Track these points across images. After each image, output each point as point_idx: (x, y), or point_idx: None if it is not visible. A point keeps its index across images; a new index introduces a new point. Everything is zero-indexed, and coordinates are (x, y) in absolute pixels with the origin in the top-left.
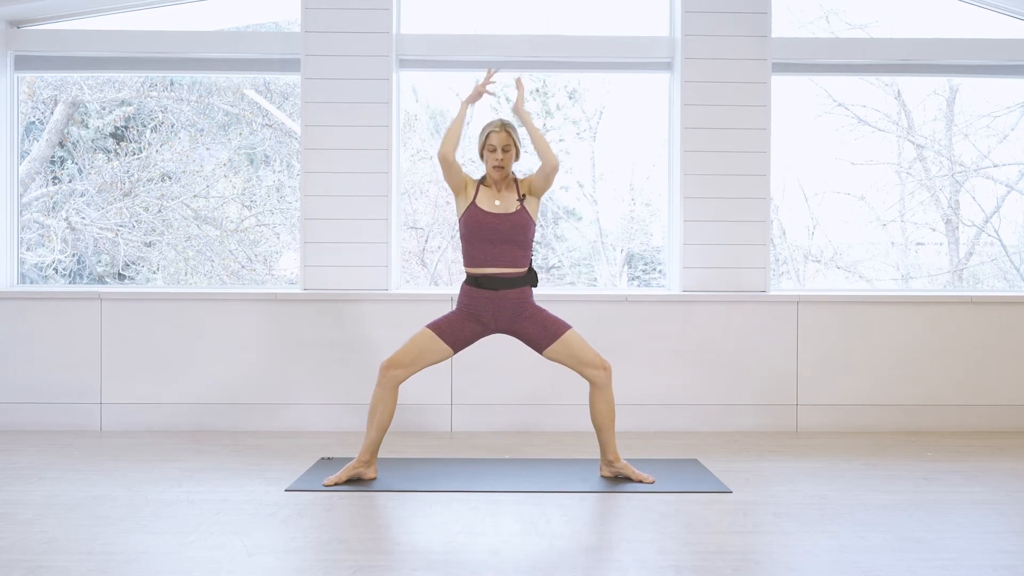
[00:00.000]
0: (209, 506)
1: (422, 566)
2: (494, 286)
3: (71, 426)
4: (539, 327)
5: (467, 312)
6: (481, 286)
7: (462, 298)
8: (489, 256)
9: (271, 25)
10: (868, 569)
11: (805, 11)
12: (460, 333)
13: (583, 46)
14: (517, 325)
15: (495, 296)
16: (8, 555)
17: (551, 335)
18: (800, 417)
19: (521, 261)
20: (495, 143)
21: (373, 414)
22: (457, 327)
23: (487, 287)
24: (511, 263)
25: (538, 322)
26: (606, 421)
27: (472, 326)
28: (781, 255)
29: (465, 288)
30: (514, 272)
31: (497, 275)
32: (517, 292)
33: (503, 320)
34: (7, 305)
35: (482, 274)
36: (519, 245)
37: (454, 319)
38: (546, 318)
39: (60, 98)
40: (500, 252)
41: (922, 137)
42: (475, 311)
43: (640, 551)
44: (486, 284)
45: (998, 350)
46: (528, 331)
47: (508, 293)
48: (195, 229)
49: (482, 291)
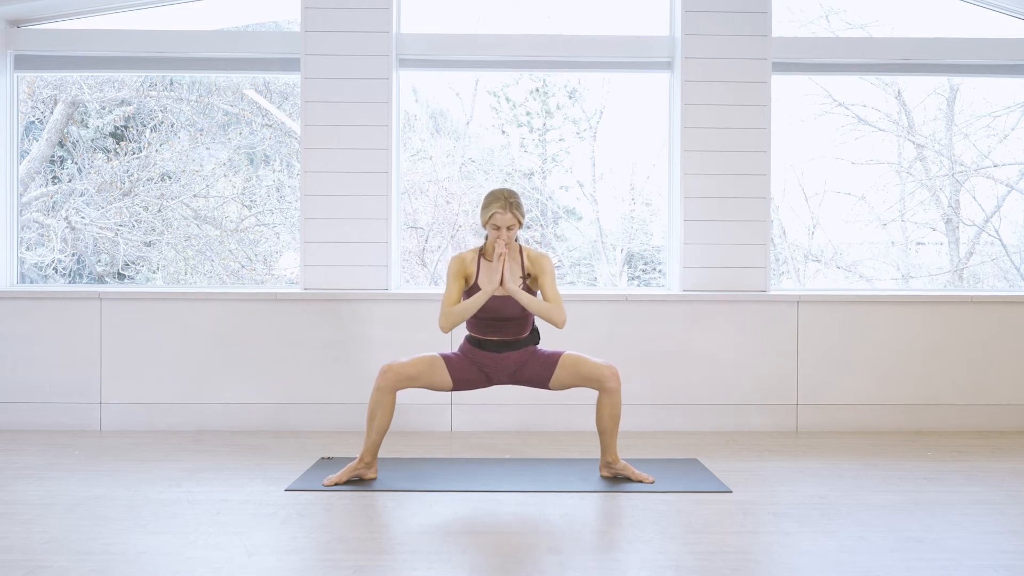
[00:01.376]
0: (209, 506)
1: (422, 566)
2: (497, 349)
3: (71, 426)
4: (537, 365)
5: (472, 362)
6: (484, 349)
7: (465, 353)
8: (492, 329)
9: (271, 25)
10: (868, 569)
11: (805, 11)
12: (465, 375)
13: (583, 46)
14: (518, 375)
15: (497, 357)
16: (8, 555)
17: (549, 365)
18: (800, 417)
19: (524, 329)
20: (499, 223)
21: (372, 418)
22: (465, 368)
23: (490, 350)
24: (514, 333)
25: (535, 362)
26: (610, 425)
27: (477, 375)
28: (781, 255)
29: (467, 346)
30: (517, 338)
31: (500, 341)
32: (519, 353)
33: (504, 375)
34: (7, 305)
35: (485, 340)
36: (523, 319)
37: (463, 360)
38: (541, 355)
39: (60, 98)
40: (503, 326)
41: (922, 137)
42: (479, 365)
43: (640, 551)
44: (489, 348)
45: (998, 350)
46: (528, 375)
47: (511, 355)
48: (195, 229)
49: (484, 352)
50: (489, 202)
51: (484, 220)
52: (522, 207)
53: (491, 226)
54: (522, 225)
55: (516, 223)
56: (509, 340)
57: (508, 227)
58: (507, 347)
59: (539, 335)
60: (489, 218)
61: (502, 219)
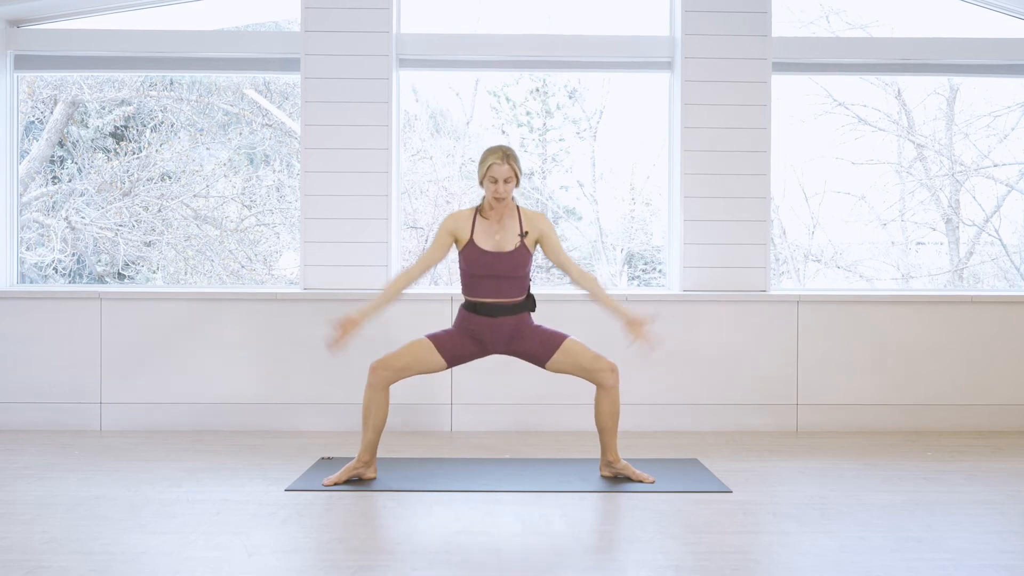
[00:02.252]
0: (209, 506)
1: (422, 566)
2: (492, 313)
3: (71, 426)
4: (537, 342)
5: (466, 332)
6: (479, 313)
7: (460, 321)
8: (487, 289)
9: (271, 25)
10: (868, 569)
11: (805, 11)
12: (457, 350)
13: (583, 46)
14: (515, 345)
15: (492, 322)
16: (8, 555)
17: (550, 347)
18: (800, 417)
19: (520, 291)
20: (496, 175)
21: (367, 416)
22: (456, 343)
23: (485, 314)
24: (509, 294)
25: (535, 338)
26: (609, 423)
27: (470, 345)
28: (781, 255)
29: (463, 312)
30: (512, 301)
31: (495, 303)
32: (515, 318)
33: (500, 342)
34: (7, 305)
35: (480, 302)
36: (518, 278)
37: (454, 335)
38: (543, 331)
39: (60, 97)
40: (498, 285)
41: (922, 136)
42: (473, 333)
43: (640, 551)
44: (484, 311)
45: (998, 350)
46: (526, 348)
47: (506, 319)
48: (195, 229)
49: (480, 317)
50: (486, 156)
51: (481, 174)
52: (519, 162)
53: (488, 179)
54: (519, 181)
55: (513, 176)
56: (504, 303)
57: (505, 180)
58: (502, 311)
59: (535, 302)
60: (487, 170)
61: (499, 171)
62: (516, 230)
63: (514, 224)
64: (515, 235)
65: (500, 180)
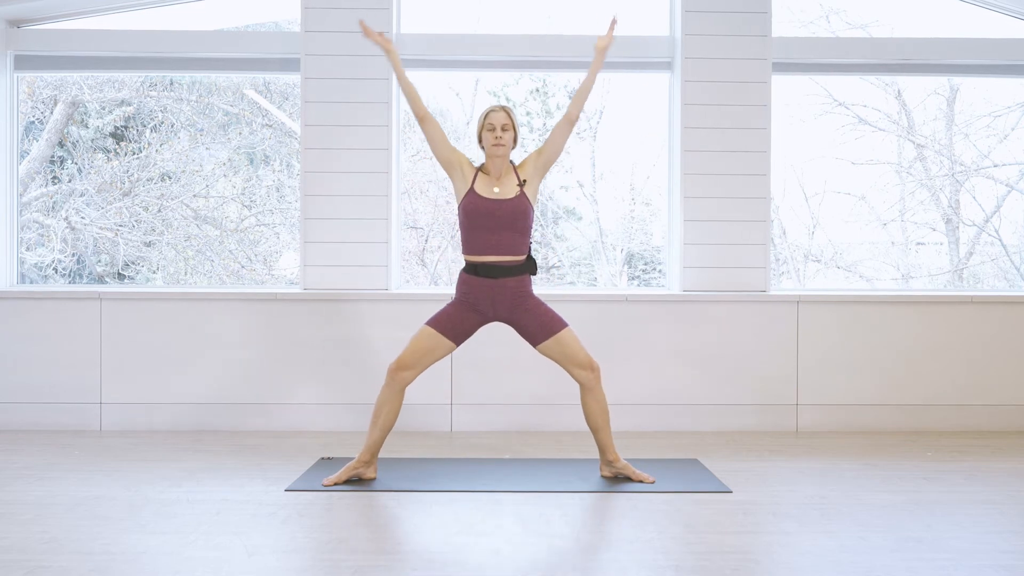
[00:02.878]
0: (209, 506)
1: (422, 566)
2: (493, 274)
3: (71, 426)
4: (537, 321)
5: (466, 303)
6: (480, 274)
7: (460, 286)
8: (488, 244)
9: (271, 25)
10: (868, 569)
11: (805, 11)
12: (460, 326)
13: (583, 46)
14: (516, 316)
15: (494, 284)
16: (8, 555)
17: (547, 331)
18: (800, 417)
19: (520, 248)
20: (494, 122)
21: (377, 415)
22: (456, 320)
23: (485, 275)
24: (510, 250)
25: (537, 316)
26: (600, 421)
27: (471, 316)
28: (781, 255)
29: (463, 276)
30: (513, 260)
31: (496, 263)
32: (516, 280)
33: (502, 309)
34: (7, 305)
35: (481, 262)
36: (518, 231)
37: (453, 312)
38: (545, 313)
39: (60, 98)
40: (499, 239)
41: (922, 137)
42: (473, 300)
43: (640, 551)
44: (484, 272)
45: (998, 350)
46: (526, 323)
47: (507, 281)
48: (195, 229)
49: (480, 279)
50: (484, 111)
51: (479, 126)
52: (516, 118)
53: (486, 128)
54: (516, 138)
55: (510, 124)
56: (505, 263)
57: (503, 126)
58: (503, 272)
59: (535, 264)
60: (485, 119)
61: (497, 117)
62: (515, 181)
63: (512, 177)
64: (514, 185)
65: (498, 126)
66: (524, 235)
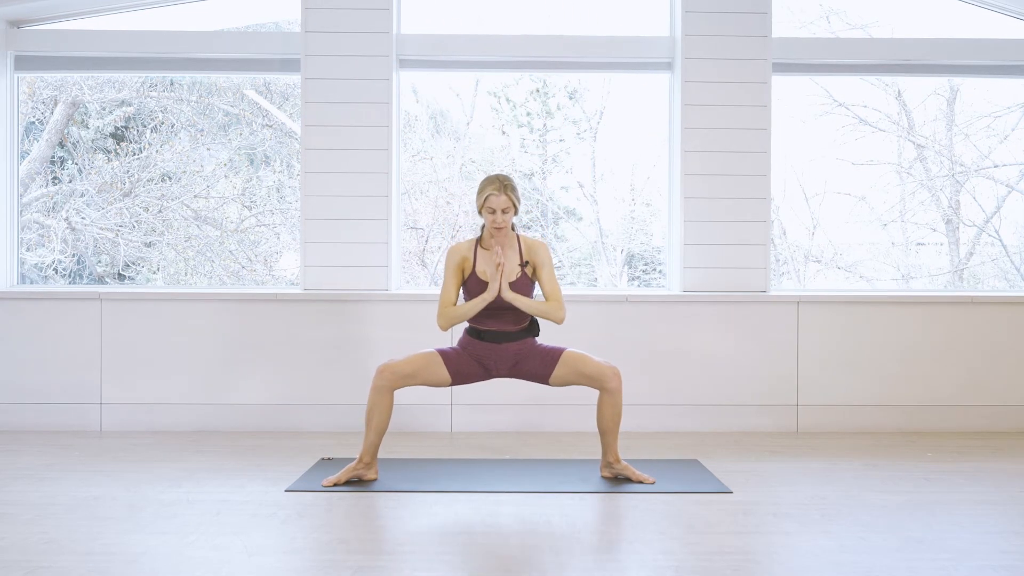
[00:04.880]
0: (209, 506)
1: (422, 566)
2: (496, 340)
3: (71, 426)
4: (537, 362)
5: (471, 355)
6: (483, 339)
7: (464, 345)
8: (491, 319)
9: (271, 25)
10: (868, 569)
11: (805, 11)
12: (464, 369)
13: (583, 46)
14: (518, 368)
15: (497, 347)
16: (8, 555)
17: (550, 362)
18: (800, 417)
19: (523, 319)
20: (494, 206)
21: (370, 418)
22: (463, 362)
23: (489, 340)
24: (513, 323)
25: (535, 356)
26: (611, 425)
27: (476, 368)
28: (781, 255)
29: (466, 338)
30: (516, 328)
31: (499, 330)
32: (519, 343)
33: (504, 367)
34: (7, 305)
35: (485, 330)
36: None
37: (461, 354)
38: (542, 350)
39: (60, 98)
40: (502, 315)
41: (922, 137)
42: (478, 358)
43: (640, 551)
44: (488, 338)
45: (998, 350)
46: (528, 368)
47: (510, 346)
48: (195, 229)
49: (484, 343)
50: (484, 186)
51: (479, 205)
52: (517, 191)
53: (486, 210)
54: (518, 210)
55: (511, 206)
56: (508, 331)
57: (503, 210)
58: (506, 338)
59: (539, 327)
60: (484, 201)
61: (496, 202)
62: (516, 260)
63: (514, 254)
64: (516, 266)
65: (498, 211)
66: None
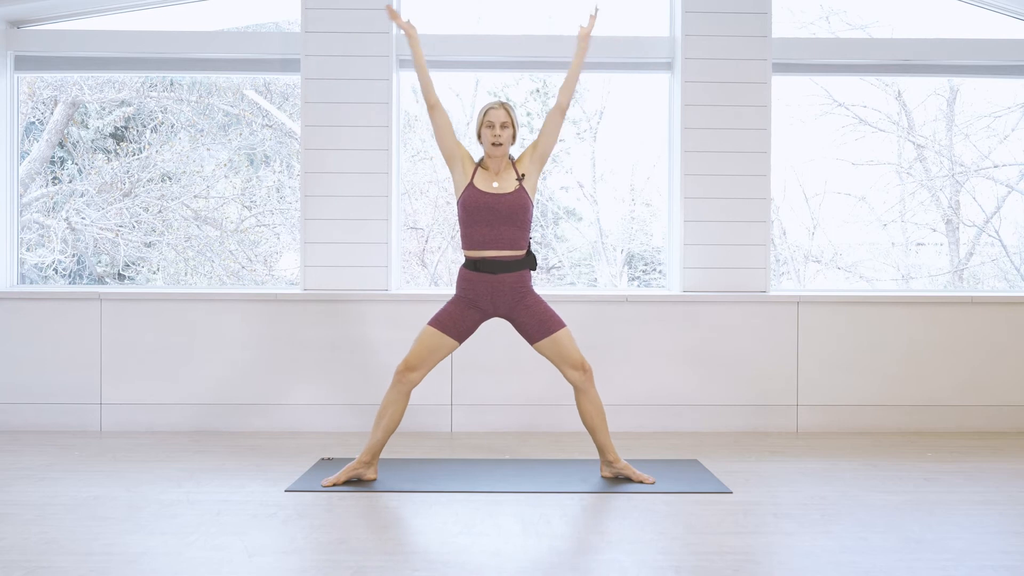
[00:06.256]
0: (209, 507)
1: (422, 566)
2: (493, 270)
3: (71, 426)
4: (535, 319)
5: (466, 300)
6: (480, 270)
7: (460, 283)
8: (488, 238)
9: (271, 25)
10: (868, 570)
11: (805, 11)
12: (462, 323)
13: None
14: (516, 312)
15: (494, 280)
16: (8, 555)
17: (545, 330)
18: (800, 417)
19: (520, 243)
20: (493, 119)
21: (382, 416)
22: (458, 317)
23: (486, 271)
24: (510, 245)
25: (536, 314)
26: (596, 422)
27: (472, 314)
28: (781, 255)
29: (463, 272)
30: (512, 255)
31: (496, 258)
32: (515, 276)
33: (502, 306)
34: (7, 305)
35: (480, 258)
36: (518, 226)
37: (453, 311)
38: (544, 311)
39: (60, 98)
40: (499, 234)
41: (922, 137)
42: (473, 297)
43: (640, 551)
44: (485, 268)
45: (998, 350)
46: (525, 320)
47: (506, 277)
48: (195, 229)
49: (481, 275)
50: (483, 107)
51: (478, 123)
52: (516, 114)
53: (485, 125)
54: (516, 132)
55: (509, 121)
56: (505, 258)
57: (502, 124)
58: (503, 267)
59: (535, 260)
60: (483, 116)
61: (495, 115)
62: (514, 176)
63: (511, 172)
64: (513, 180)
65: (497, 124)
66: (524, 230)
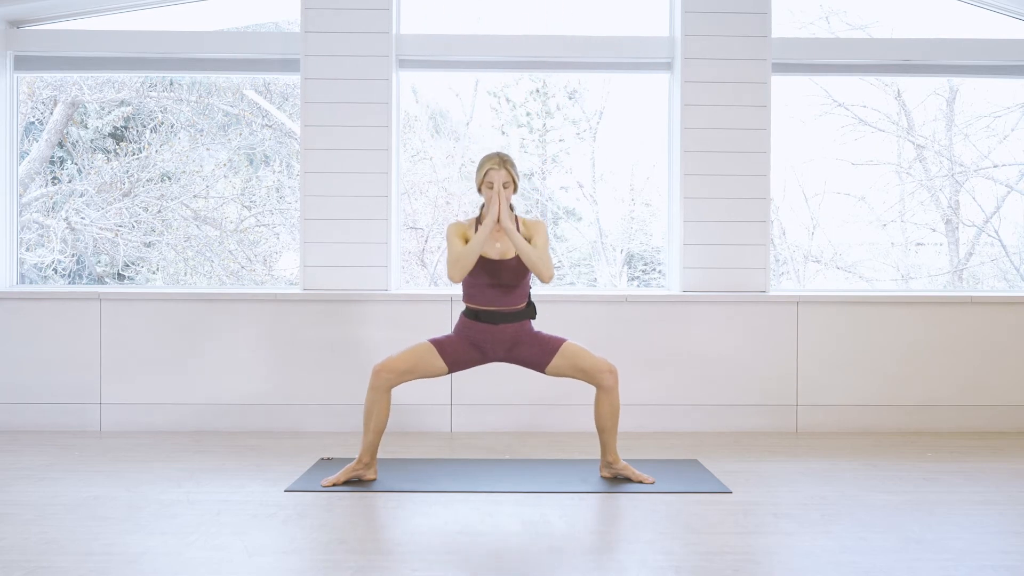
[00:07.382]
0: (209, 507)
1: (422, 566)
2: (493, 320)
3: (71, 426)
4: (536, 349)
5: (467, 339)
6: (481, 320)
7: (461, 328)
8: (489, 297)
9: (271, 25)
10: (868, 570)
11: (805, 11)
12: (460, 356)
13: (583, 46)
14: (514, 352)
15: (494, 329)
16: (8, 555)
17: (548, 352)
18: (800, 417)
19: (521, 298)
20: (493, 180)
21: (369, 417)
22: (458, 349)
23: (486, 321)
24: (511, 302)
25: (534, 344)
26: (609, 423)
27: (472, 352)
28: (781, 255)
29: (464, 320)
30: (513, 308)
31: (496, 311)
32: (516, 326)
33: (500, 350)
34: (7, 305)
35: (482, 310)
36: (519, 286)
37: (456, 341)
38: (541, 338)
39: (59, 98)
40: (500, 294)
41: (922, 137)
42: (474, 340)
43: (640, 551)
44: (485, 319)
45: (998, 350)
46: (525, 354)
47: (507, 327)
48: (195, 229)
49: (481, 324)
50: (483, 162)
51: (479, 181)
52: (516, 168)
53: (486, 185)
54: (517, 186)
55: (511, 180)
56: (505, 311)
57: (503, 184)
58: (503, 319)
59: (535, 309)
60: (484, 176)
61: (496, 176)
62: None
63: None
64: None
65: (497, 183)
66: (525, 287)
